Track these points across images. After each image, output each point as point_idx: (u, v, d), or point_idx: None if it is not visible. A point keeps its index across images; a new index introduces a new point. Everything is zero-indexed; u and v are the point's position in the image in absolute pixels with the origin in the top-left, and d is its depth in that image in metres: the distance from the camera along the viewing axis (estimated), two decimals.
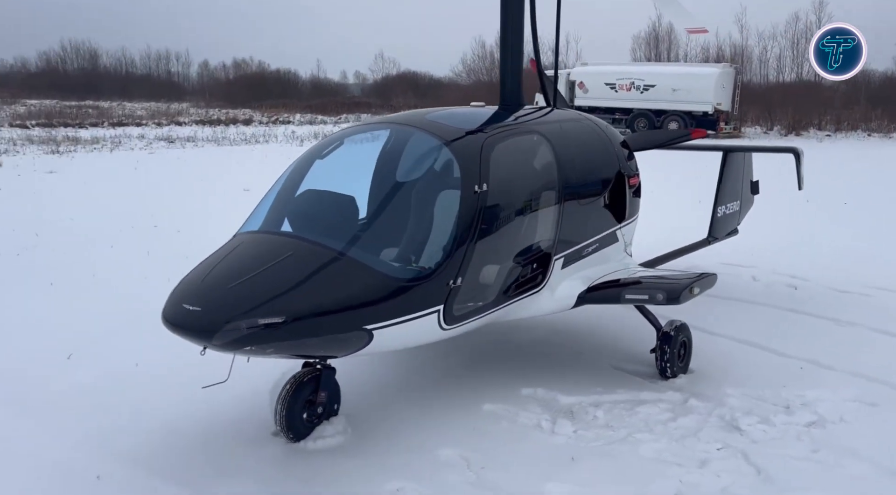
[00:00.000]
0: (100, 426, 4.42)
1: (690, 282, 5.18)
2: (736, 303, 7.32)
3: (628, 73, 34.12)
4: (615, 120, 34.06)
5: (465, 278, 4.19)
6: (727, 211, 7.51)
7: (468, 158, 4.37)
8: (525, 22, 5.60)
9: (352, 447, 4.25)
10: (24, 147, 23.95)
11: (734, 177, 7.59)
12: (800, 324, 6.75)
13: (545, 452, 4.26)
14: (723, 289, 7.59)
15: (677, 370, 5.36)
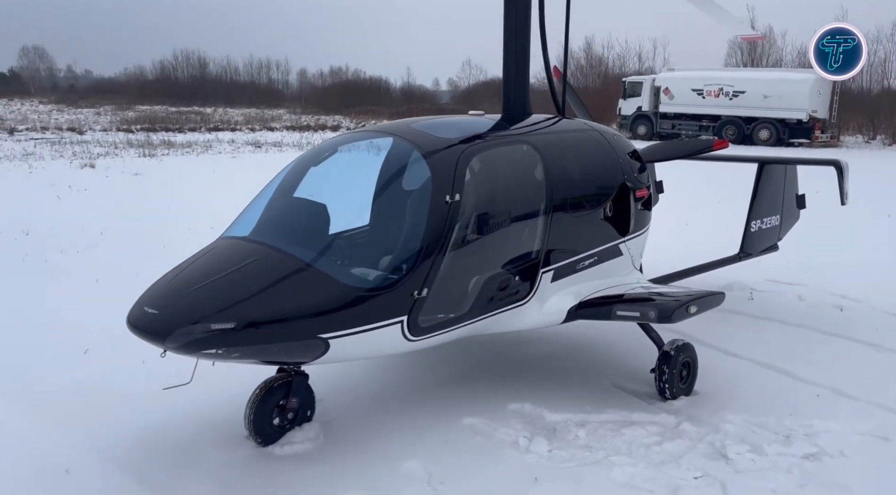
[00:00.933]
0: (88, 421, 4.60)
1: (688, 300, 4.97)
2: (771, 324, 6.98)
3: (717, 79, 33.05)
4: (702, 127, 33.07)
5: (431, 289, 4.16)
6: (763, 225, 7.16)
7: (441, 168, 4.34)
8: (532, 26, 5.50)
9: (318, 454, 4.28)
10: (123, 150, 25.30)
11: (773, 189, 7.24)
12: (835, 348, 6.37)
13: (511, 471, 4.18)
14: (761, 308, 7.32)
15: (678, 391, 5.15)
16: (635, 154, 5.89)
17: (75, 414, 4.75)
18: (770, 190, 7.20)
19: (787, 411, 5.02)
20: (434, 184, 4.26)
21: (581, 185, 5.28)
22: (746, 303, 7.64)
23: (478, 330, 4.68)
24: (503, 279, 4.66)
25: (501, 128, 5.15)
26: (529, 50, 5.60)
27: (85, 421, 4.64)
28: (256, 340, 3.70)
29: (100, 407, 4.84)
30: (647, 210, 5.87)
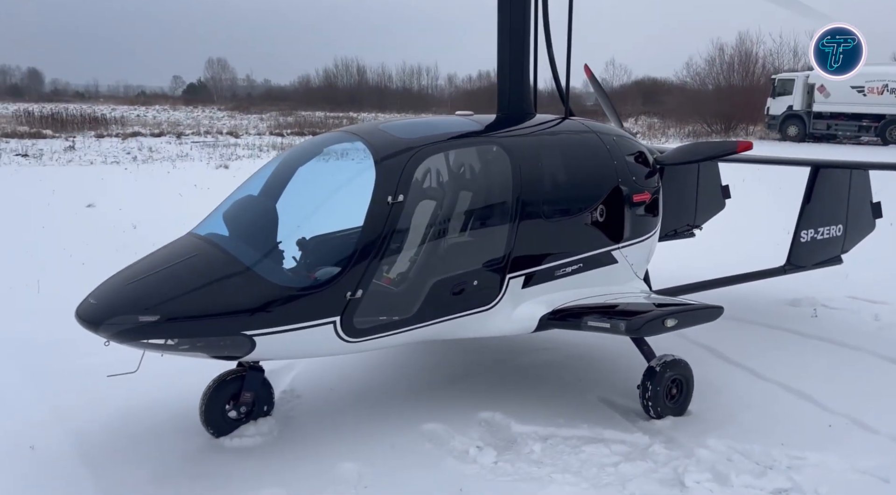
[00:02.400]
0: (71, 404, 4.92)
1: (664, 314, 4.65)
2: (822, 345, 6.35)
3: (881, 75, 30.15)
4: (862, 127, 30.42)
5: (367, 290, 4.14)
6: (818, 236, 6.51)
7: (388, 169, 4.30)
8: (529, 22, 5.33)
9: (262, 449, 4.37)
10: (267, 152, 26.88)
11: (833, 197, 6.57)
12: (889, 377, 5.71)
13: (441, 480, 4.08)
14: (819, 327, 6.73)
15: (664, 410, 4.82)
16: (641, 157, 5.54)
17: (63, 392, 5.10)
18: (829, 197, 6.54)
19: (783, 440, 4.57)
20: (377, 184, 4.23)
21: (560, 188, 5.06)
22: (805, 320, 6.99)
23: (434, 334, 4.59)
24: (457, 283, 4.54)
25: (476, 129, 5.02)
26: (528, 48, 5.43)
27: (65, 403, 4.96)
28: (180, 334, 3.84)
29: (84, 390, 5.09)
30: (652, 215, 5.52)
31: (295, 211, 4.42)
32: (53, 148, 25.92)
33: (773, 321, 6.90)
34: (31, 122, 36.64)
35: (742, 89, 38.82)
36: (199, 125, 40.56)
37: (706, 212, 7.84)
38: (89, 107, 53.15)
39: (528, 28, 5.34)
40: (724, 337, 6.45)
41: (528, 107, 5.48)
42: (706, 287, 6.39)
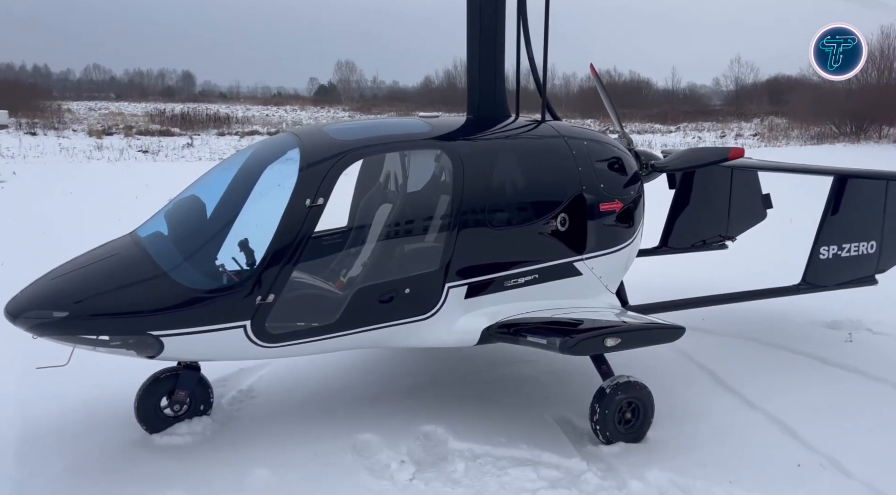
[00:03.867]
0: (38, 392, 5.05)
1: (605, 332, 4.33)
2: (841, 374, 5.76)
3: None
4: None
5: (280, 295, 4.09)
6: (842, 253, 5.87)
7: (311, 171, 4.22)
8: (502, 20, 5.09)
9: (189, 448, 4.38)
10: None
11: (864, 210, 5.90)
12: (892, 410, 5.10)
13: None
14: (848, 354, 6.21)
15: (613, 435, 4.50)
16: (617, 164, 5.17)
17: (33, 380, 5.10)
18: (859, 210, 5.89)
19: (735, 477, 4.16)
20: (296, 186, 4.16)
21: (512, 195, 4.81)
22: (834, 345, 6.35)
23: (364, 342, 4.48)
24: (385, 290, 4.41)
25: (425, 132, 4.83)
26: (501, 47, 5.19)
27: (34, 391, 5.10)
28: (89, 330, 3.93)
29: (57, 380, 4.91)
30: (626, 225, 5.14)
31: (222, 213, 4.41)
32: (174, 145, 27.56)
33: (798, 344, 6.31)
34: (162, 121, 39.22)
35: (878, 87, 35.72)
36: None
37: (742, 223, 7.30)
38: (227, 107, 56.27)
39: (500, 26, 5.10)
40: (732, 358, 6.00)
41: (502, 109, 5.24)
42: (702, 303, 5.96)
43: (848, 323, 6.84)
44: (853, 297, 6.83)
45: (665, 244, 7.10)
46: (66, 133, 32.16)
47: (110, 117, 43.67)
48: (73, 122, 37.66)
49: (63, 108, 46.07)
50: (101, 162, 21.45)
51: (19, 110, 37.44)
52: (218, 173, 4.75)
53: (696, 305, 5.97)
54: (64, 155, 23.08)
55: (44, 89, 64.09)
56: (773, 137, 34.37)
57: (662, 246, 7.11)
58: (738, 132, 38.63)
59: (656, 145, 29.91)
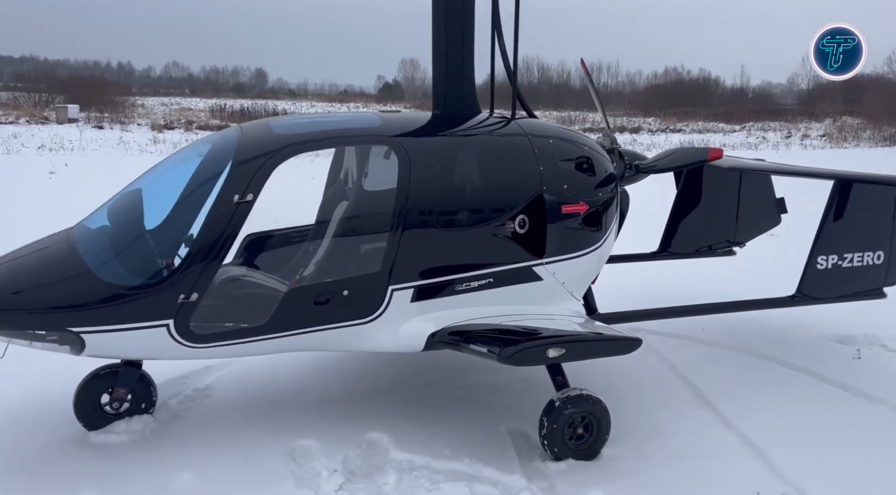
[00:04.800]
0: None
1: (545, 343, 4.07)
2: (837, 394, 5.32)
3: None
4: None
5: (204, 294, 3.96)
6: (844, 263, 5.42)
7: (242, 166, 4.08)
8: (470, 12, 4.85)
9: (121, 448, 4.29)
10: None
11: (871, 217, 5.43)
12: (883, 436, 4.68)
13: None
14: (851, 373, 5.78)
15: (562, 451, 4.24)
16: (586, 164, 4.86)
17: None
18: (863, 218, 5.42)
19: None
20: (225, 181, 4.03)
21: (463, 195, 4.58)
22: (839, 361, 5.89)
23: (300, 345, 4.31)
24: (321, 292, 4.24)
25: (375, 127, 4.64)
26: (471, 42, 4.96)
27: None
28: (12, 325, 3.88)
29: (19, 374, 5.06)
30: (594, 229, 4.84)
31: (153, 208, 4.31)
32: None
33: (798, 359, 5.88)
34: (222, 117, 40.06)
35: None
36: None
37: (752, 228, 6.87)
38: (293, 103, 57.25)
39: (468, 19, 4.87)
40: (720, 371, 5.64)
41: (470, 105, 5.01)
42: (687, 313, 5.62)
43: (862, 338, 6.36)
44: (871, 310, 6.32)
45: (666, 249, 6.73)
46: (132, 127, 33.09)
47: (178, 113, 44.84)
48: (142, 117, 38.76)
49: (138, 103, 47.66)
50: (153, 155, 21.96)
51: (93, 105, 38.86)
52: (162, 166, 4.66)
53: (672, 315, 5.69)
54: (120, 148, 23.73)
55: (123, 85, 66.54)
56: (842, 138, 32.83)
57: (663, 250, 6.75)
58: (805, 133, 37.10)
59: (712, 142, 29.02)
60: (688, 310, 5.65)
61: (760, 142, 31.59)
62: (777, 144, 30.58)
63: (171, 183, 4.39)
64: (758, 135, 36.16)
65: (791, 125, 41.02)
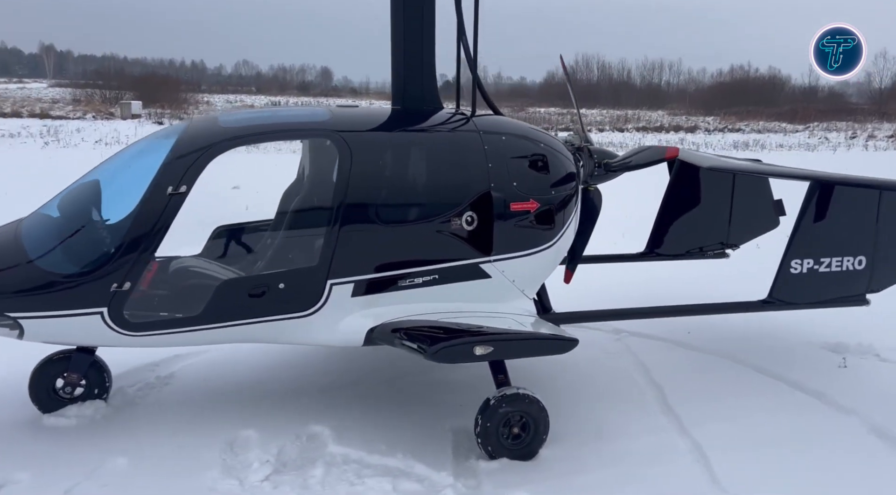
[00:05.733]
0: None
1: (473, 340, 4.01)
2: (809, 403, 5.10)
3: None
4: None
5: (136, 283, 4.04)
6: (821, 267, 5.17)
7: (179, 158, 4.14)
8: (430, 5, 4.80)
9: (67, 432, 4.39)
10: None
11: (847, 221, 5.17)
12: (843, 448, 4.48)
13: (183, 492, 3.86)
14: (829, 382, 5.50)
15: (496, 450, 4.18)
16: (541, 162, 4.76)
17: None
18: (842, 221, 5.16)
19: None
20: (159, 174, 4.09)
21: (406, 190, 4.56)
22: (822, 370, 5.64)
23: (239, 336, 4.34)
24: (255, 284, 4.27)
25: (320, 120, 4.62)
26: (431, 37, 4.91)
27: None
28: None
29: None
30: (546, 227, 4.73)
31: (98, 199, 4.40)
32: None
33: (778, 365, 5.65)
34: None
35: None
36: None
37: (747, 230, 6.64)
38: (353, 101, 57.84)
39: (428, 13, 4.82)
40: (692, 376, 5.49)
41: (431, 101, 4.97)
42: (648, 315, 5.50)
43: (855, 346, 6.07)
44: (868, 318, 6.04)
45: (653, 250, 6.56)
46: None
47: (240, 109, 45.85)
48: (202, 113, 39.84)
49: (203, 100, 49.01)
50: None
51: (159, 101, 40.16)
52: (115, 158, 4.76)
53: (631, 316, 5.65)
54: None
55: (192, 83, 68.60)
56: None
57: (649, 251, 6.58)
58: (871, 133, 35.61)
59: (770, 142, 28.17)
60: (649, 312, 5.52)
61: (821, 143, 30.45)
62: (837, 145, 29.41)
63: (118, 174, 4.50)
64: (820, 135, 34.87)
65: (859, 125, 39.43)
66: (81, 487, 3.88)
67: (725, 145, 28.30)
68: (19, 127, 27.30)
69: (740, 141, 30.37)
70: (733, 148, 26.93)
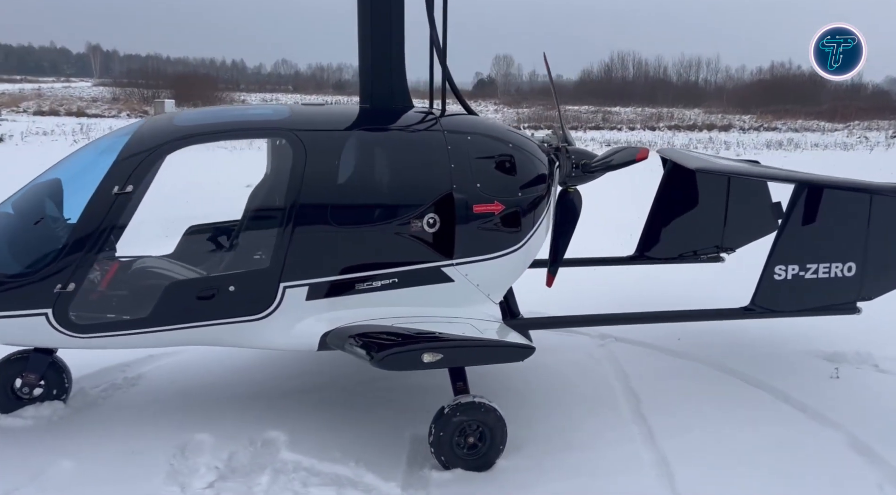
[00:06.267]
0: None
1: (422, 347, 3.88)
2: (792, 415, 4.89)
3: None
4: None
5: (81, 285, 3.98)
6: (807, 274, 4.91)
7: (127, 158, 4.08)
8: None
9: (20, 433, 4.35)
10: None
11: (836, 226, 4.90)
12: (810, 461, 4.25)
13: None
14: (818, 393, 5.29)
15: (450, 460, 4.05)
16: (508, 163, 4.58)
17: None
18: (830, 226, 4.90)
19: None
20: (108, 174, 4.03)
21: (363, 190, 4.43)
22: (810, 379, 5.39)
23: (189, 339, 4.25)
24: (204, 287, 4.19)
25: (277, 119, 4.53)
26: (400, 33, 4.78)
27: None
28: None
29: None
30: (513, 230, 4.56)
31: (49, 199, 4.35)
32: None
33: (767, 375, 5.41)
34: None
35: None
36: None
37: (743, 233, 6.40)
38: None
39: (394, 11, 4.69)
40: (673, 386, 5.29)
41: (400, 99, 4.84)
42: (620, 321, 5.38)
43: (853, 356, 5.79)
44: (869, 327, 5.79)
45: (643, 253, 6.35)
46: None
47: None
48: None
49: (239, 99, 49.50)
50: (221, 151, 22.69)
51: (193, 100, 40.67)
52: (75, 155, 4.72)
53: (602, 323, 5.59)
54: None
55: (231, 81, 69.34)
56: None
57: (639, 255, 6.37)
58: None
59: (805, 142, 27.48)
60: (619, 318, 5.35)
61: (859, 142, 29.56)
62: (875, 144, 28.52)
63: (71, 174, 4.45)
64: (860, 134, 33.88)
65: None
66: (21, 491, 3.83)
67: (758, 144, 27.68)
68: (54, 124, 27.80)
69: (774, 140, 29.63)
70: (766, 147, 26.32)
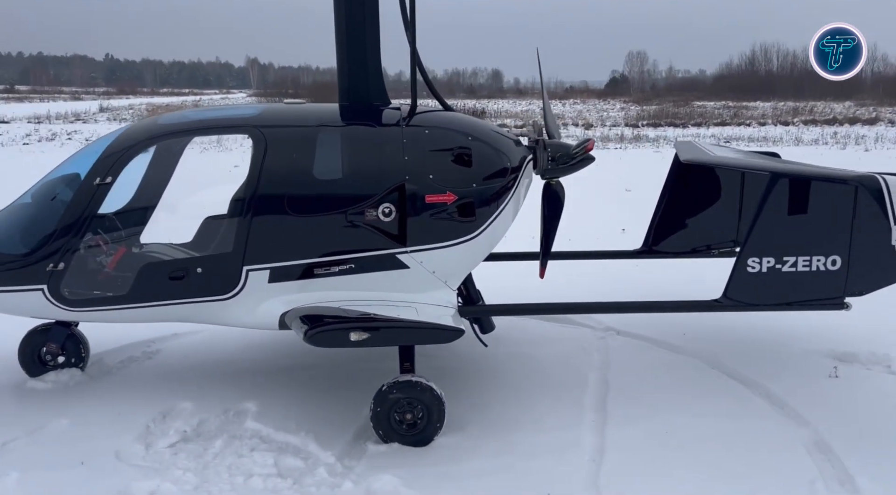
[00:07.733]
0: None
1: (349, 326, 4.15)
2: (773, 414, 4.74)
3: None
4: None
5: (70, 264, 4.55)
6: (784, 267, 4.67)
7: (110, 152, 4.62)
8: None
9: (39, 394, 4.96)
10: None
11: (824, 217, 4.63)
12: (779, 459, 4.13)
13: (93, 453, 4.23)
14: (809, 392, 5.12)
15: (388, 435, 4.30)
16: (465, 156, 4.70)
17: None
18: (814, 217, 4.66)
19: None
20: (93, 166, 4.60)
21: (318, 181, 4.74)
22: (807, 378, 5.18)
23: (165, 315, 4.73)
24: (175, 268, 4.65)
25: (245, 116, 4.95)
26: (376, 31, 5.02)
27: None
28: None
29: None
30: (467, 219, 4.68)
31: (52, 191, 4.92)
32: None
33: (757, 372, 5.22)
34: None
35: None
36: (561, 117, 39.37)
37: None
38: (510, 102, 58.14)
39: (368, 9, 4.95)
40: (650, 378, 5.30)
41: (377, 97, 5.11)
42: (586, 309, 5.42)
43: (866, 356, 5.48)
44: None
45: (652, 247, 6.24)
46: None
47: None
48: None
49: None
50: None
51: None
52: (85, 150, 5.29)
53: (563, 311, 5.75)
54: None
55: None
56: None
57: (648, 249, 6.27)
58: None
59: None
60: (588, 306, 5.34)
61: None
62: None
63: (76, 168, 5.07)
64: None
65: None
66: (16, 443, 4.42)
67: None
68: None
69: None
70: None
